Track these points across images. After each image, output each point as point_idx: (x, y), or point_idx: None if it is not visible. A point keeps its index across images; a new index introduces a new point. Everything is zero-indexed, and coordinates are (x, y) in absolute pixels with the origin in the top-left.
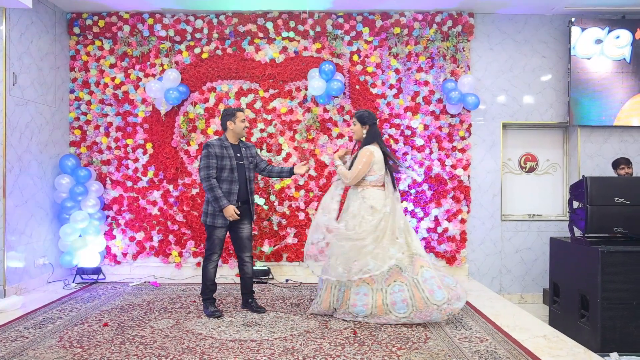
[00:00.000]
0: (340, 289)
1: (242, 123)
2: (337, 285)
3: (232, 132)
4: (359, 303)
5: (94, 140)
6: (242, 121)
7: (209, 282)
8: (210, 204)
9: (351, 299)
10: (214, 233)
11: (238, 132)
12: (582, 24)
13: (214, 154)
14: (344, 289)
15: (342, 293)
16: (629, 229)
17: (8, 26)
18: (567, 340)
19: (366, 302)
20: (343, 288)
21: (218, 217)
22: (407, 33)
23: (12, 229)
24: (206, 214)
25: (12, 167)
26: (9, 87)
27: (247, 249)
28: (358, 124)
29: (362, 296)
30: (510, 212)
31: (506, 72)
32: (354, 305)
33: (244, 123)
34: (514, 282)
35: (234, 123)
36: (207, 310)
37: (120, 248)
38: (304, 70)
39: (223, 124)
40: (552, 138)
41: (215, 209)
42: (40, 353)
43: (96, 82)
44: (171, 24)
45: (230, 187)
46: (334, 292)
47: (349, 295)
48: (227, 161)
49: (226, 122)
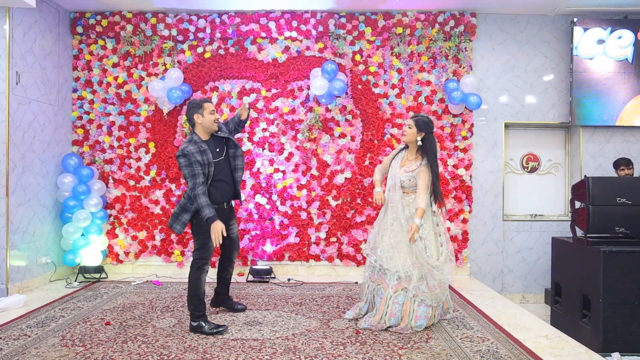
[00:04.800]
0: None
1: (212, 115)
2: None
3: (200, 127)
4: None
5: (97, 139)
6: (211, 113)
7: (202, 295)
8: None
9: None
10: (209, 240)
11: (207, 126)
12: (584, 24)
13: (197, 162)
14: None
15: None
16: (631, 229)
17: (11, 25)
18: (569, 340)
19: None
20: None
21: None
22: (409, 33)
23: (15, 228)
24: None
25: (15, 166)
26: (12, 86)
27: (237, 249)
28: (414, 127)
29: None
30: (512, 212)
31: (508, 72)
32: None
33: (213, 115)
34: (515, 282)
35: (202, 116)
36: (207, 327)
37: (123, 247)
38: (307, 69)
39: (189, 118)
40: (554, 138)
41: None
42: (42, 351)
43: (99, 81)
44: (174, 23)
45: (222, 190)
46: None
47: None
48: (210, 168)
49: (193, 116)
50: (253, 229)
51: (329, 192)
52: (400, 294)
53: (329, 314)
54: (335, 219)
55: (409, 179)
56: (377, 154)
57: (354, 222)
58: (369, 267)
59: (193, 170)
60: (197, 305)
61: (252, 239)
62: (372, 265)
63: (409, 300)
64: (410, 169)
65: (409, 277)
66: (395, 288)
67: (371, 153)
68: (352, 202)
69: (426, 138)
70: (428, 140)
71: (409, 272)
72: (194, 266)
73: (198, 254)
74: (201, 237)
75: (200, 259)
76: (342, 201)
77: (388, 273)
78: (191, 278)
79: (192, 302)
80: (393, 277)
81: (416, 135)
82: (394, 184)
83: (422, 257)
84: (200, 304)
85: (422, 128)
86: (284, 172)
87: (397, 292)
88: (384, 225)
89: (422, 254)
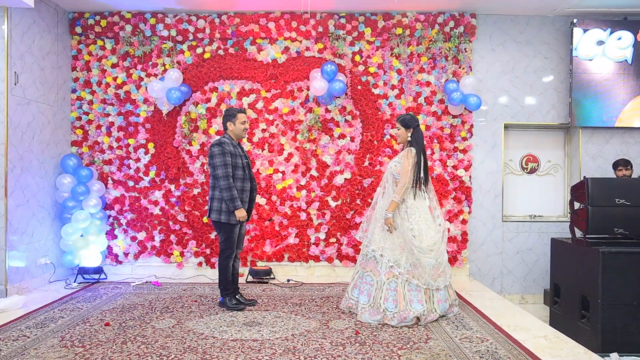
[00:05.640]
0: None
1: (242, 125)
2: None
3: (232, 132)
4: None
5: (96, 139)
6: (242, 123)
7: (230, 277)
8: (225, 202)
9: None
10: (233, 231)
11: (237, 133)
12: (584, 25)
13: (229, 152)
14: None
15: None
16: (630, 230)
17: (10, 25)
18: (568, 341)
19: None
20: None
21: (233, 214)
22: (409, 34)
23: (13, 229)
24: (220, 211)
25: (13, 167)
26: (11, 87)
27: (240, 246)
28: (402, 127)
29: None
30: (512, 213)
31: (508, 73)
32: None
33: (244, 125)
34: (515, 282)
35: (234, 124)
36: (230, 302)
37: (122, 248)
38: (306, 70)
39: (224, 124)
40: (553, 139)
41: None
42: (41, 352)
43: (98, 82)
44: (173, 23)
45: (243, 185)
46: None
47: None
48: (239, 159)
49: (226, 123)
50: (252, 229)
51: (328, 192)
52: (392, 280)
53: (329, 315)
54: (335, 219)
55: (395, 165)
56: (376, 154)
57: (353, 222)
58: (361, 255)
59: (225, 159)
60: (225, 285)
61: (251, 239)
62: (364, 253)
63: (400, 286)
64: (397, 157)
65: (397, 264)
66: (387, 275)
67: (371, 154)
68: (351, 203)
69: (415, 132)
70: (416, 133)
71: (398, 259)
72: (223, 255)
73: (225, 245)
74: (224, 230)
75: (227, 249)
76: (342, 202)
77: (380, 261)
78: (221, 264)
79: (222, 283)
80: (385, 265)
81: (406, 134)
82: (387, 174)
83: (410, 242)
84: (228, 284)
85: (408, 124)
86: (283, 173)
87: (389, 279)
88: (376, 216)
89: (410, 240)
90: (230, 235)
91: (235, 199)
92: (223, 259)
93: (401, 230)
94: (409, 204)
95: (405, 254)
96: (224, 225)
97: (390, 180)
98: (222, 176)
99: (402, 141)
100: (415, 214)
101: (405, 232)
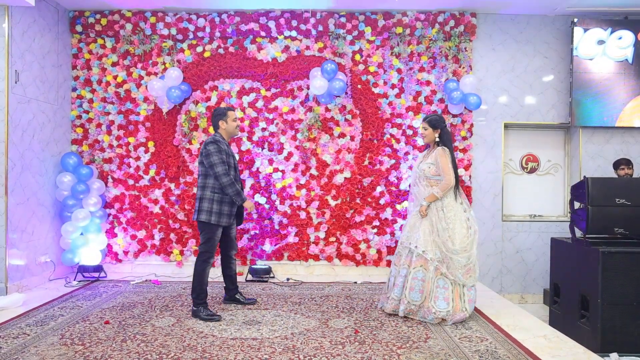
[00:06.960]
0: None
1: (234, 122)
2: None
3: (224, 131)
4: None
5: (96, 138)
6: (234, 120)
7: (205, 285)
8: (216, 203)
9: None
10: (216, 233)
11: (230, 131)
12: (584, 24)
13: (224, 151)
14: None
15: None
16: (630, 230)
17: (10, 24)
18: (567, 341)
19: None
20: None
21: (224, 216)
22: (409, 33)
23: (13, 227)
24: (210, 212)
25: (14, 165)
26: (11, 85)
27: (235, 247)
28: (430, 128)
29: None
30: (511, 213)
31: (508, 72)
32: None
33: (235, 122)
34: (514, 282)
35: (226, 122)
36: (203, 313)
37: (122, 246)
38: (306, 69)
39: (215, 123)
40: (553, 139)
41: (223, 208)
42: (41, 350)
43: (98, 80)
44: (173, 22)
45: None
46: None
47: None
48: (231, 159)
49: (218, 122)
50: (252, 228)
51: (328, 191)
52: (419, 270)
53: (328, 314)
54: (335, 218)
55: (429, 167)
56: (376, 153)
57: (353, 221)
58: (396, 255)
59: (222, 157)
60: (199, 294)
61: (251, 238)
62: (398, 251)
63: (429, 280)
64: (429, 159)
65: (427, 254)
66: (415, 264)
67: (370, 153)
68: (351, 202)
69: (443, 132)
70: (445, 134)
71: (427, 249)
72: (201, 258)
73: (204, 247)
74: (208, 232)
75: (206, 252)
76: (342, 201)
77: (413, 252)
78: (197, 269)
79: (195, 290)
80: (413, 254)
81: (434, 134)
82: (417, 177)
83: (443, 239)
84: (202, 293)
85: (436, 125)
86: (283, 172)
87: (416, 268)
88: (412, 217)
89: (444, 237)
90: (213, 237)
91: (240, 192)
92: (201, 263)
93: (437, 228)
94: (446, 203)
95: (438, 252)
96: (211, 227)
97: (422, 184)
98: (223, 173)
99: (429, 141)
100: (451, 213)
101: (441, 232)
